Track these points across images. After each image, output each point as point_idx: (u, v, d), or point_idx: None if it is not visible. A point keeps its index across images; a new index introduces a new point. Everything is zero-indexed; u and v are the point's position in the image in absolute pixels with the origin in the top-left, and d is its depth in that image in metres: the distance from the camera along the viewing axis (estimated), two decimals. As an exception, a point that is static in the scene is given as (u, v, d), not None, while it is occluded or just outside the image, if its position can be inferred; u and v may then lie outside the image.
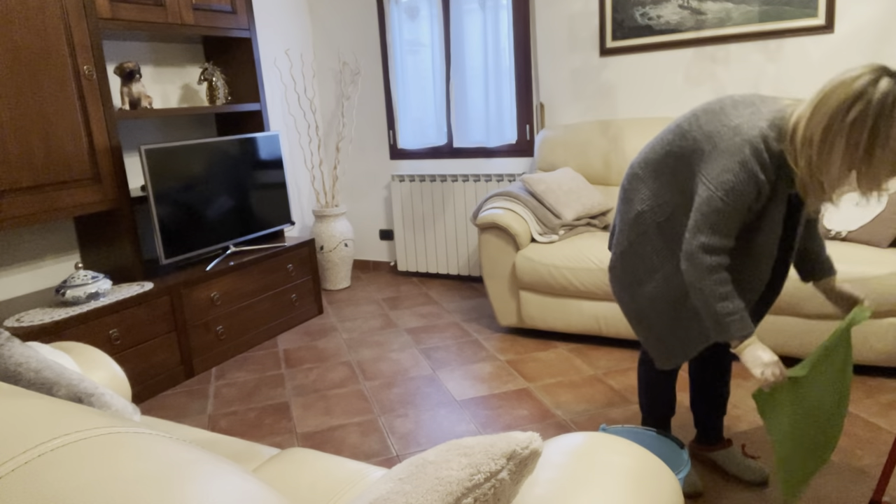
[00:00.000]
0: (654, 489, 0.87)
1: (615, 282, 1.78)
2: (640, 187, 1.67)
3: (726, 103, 1.51)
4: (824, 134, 1.32)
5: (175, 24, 3.06)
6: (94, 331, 2.56)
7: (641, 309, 1.73)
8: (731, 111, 1.48)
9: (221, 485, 0.51)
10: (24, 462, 0.46)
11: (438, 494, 0.63)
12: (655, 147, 1.64)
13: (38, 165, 2.52)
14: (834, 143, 1.32)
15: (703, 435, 1.99)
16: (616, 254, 1.75)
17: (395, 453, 2.20)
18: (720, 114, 1.49)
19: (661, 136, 1.63)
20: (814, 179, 1.39)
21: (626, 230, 1.71)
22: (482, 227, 3.09)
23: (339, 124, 4.54)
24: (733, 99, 1.52)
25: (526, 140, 3.86)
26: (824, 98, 1.33)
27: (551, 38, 3.66)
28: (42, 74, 2.52)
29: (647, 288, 1.69)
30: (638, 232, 1.68)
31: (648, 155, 1.66)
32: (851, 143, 1.30)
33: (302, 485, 1.19)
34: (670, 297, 1.66)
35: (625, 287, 1.75)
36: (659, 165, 1.62)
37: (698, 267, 1.49)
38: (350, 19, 4.31)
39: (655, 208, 1.64)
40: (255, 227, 3.45)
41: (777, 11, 3.05)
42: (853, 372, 2.50)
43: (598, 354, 2.88)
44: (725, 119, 1.47)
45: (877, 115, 1.27)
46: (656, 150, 1.63)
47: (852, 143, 1.30)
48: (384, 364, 2.97)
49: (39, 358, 1.16)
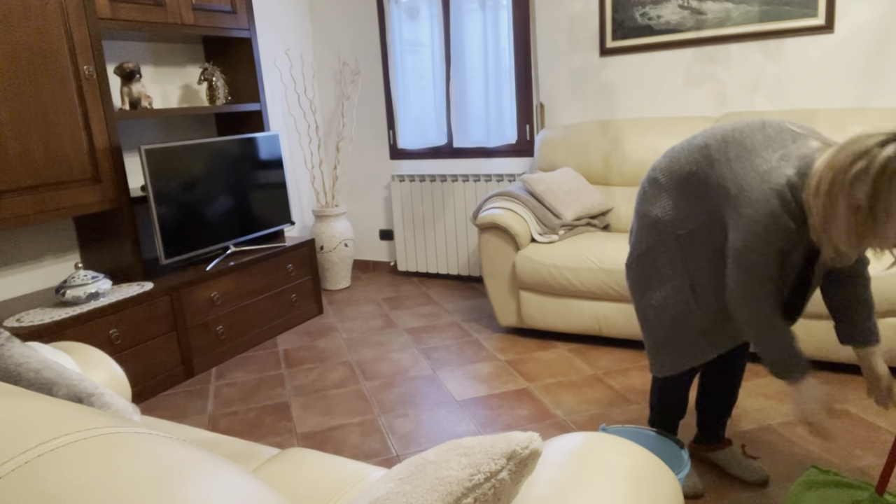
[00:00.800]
0: (654, 489, 0.87)
1: (629, 280, 1.79)
2: (661, 195, 1.65)
3: (757, 140, 1.47)
4: (829, 188, 1.30)
5: (175, 24, 3.06)
6: (94, 331, 2.56)
7: (646, 313, 1.74)
8: (762, 152, 1.44)
9: (221, 485, 0.51)
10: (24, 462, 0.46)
11: (438, 494, 0.63)
12: (681, 160, 1.61)
13: (38, 165, 2.52)
14: (837, 200, 1.29)
15: (703, 435, 1.99)
16: (633, 254, 1.76)
17: (395, 453, 2.20)
18: (751, 153, 1.45)
19: (688, 151, 1.60)
20: (824, 234, 1.35)
21: (644, 233, 1.71)
22: (482, 227, 3.09)
23: (339, 124, 4.54)
24: (766, 133, 1.47)
25: (526, 140, 3.86)
26: (837, 151, 1.30)
27: (551, 38, 3.65)
28: (42, 74, 2.52)
29: (655, 296, 1.70)
30: (656, 238, 1.67)
31: (673, 165, 1.63)
32: (853, 203, 1.27)
33: (302, 485, 1.19)
34: (674, 311, 1.66)
35: (635, 289, 1.76)
36: (683, 182, 1.59)
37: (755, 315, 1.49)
38: (350, 19, 4.31)
39: (676, 221, 1.62)
40: (255, 227, 3.45)
41: (777, 11, 3.05)
42: (854, 372, 2.50)
43: (598, 354, 2.88)
44: (755, 162, 1.43)
45: (876, 178, 1.23)
46: (681, 164, 1.60)
47: (853, 202, 1.26)
48: (384, 364, 2.97)
49: (39, 358, 1.16)
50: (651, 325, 1.73)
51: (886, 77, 2.92)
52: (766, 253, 1.42)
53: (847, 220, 1.29)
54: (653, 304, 1.70)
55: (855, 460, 1.95)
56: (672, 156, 1.65)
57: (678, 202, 1.61)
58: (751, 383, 2.48)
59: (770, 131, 1.47)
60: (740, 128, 1.52)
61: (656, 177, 1.67)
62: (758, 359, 2.69)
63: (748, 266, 1.45)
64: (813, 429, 1.49)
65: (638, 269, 1.73)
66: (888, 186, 1.23)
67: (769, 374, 2.53)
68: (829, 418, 1.52)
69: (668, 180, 1.63)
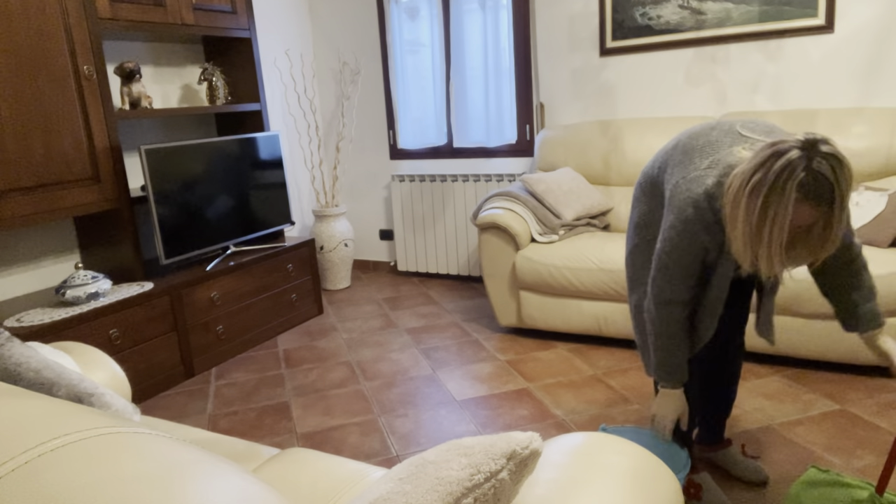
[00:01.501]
0: (654, 489, 0.87)
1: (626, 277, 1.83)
2: (641, 198, 1.68)
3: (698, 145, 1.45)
4: (733, 199, 1.26)
5: (175, 24, 3.06)
6: (94, 331, 2.56)
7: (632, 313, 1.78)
8: (695, 158, 1.43)
9: (221, 485, 0.51)
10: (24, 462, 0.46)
11: (438, 494, 0.63)
12: (654, 165, 1.63)
13: (38, 165, 2.52)
14: (738, 211, 1.25)
15: (704, 435, 1.99)
16: (626, 252, 1.80)
17: (395, 453, 2.20)
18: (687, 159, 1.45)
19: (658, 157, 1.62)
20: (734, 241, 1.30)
21: (630, 236, 1.74)
22: (482, 227, 3.09)
23: (339, 124, 4.54)
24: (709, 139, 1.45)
25: (526, 140, 3.86)
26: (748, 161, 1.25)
27: (551, 38, 3.65)
28: (42, 74, 2.52)
29: (634, 297, 1.74)
30: (635, 242, 1.71)
31: (649, 170, 1.65)
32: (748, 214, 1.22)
33: (302, 485, 1.19)
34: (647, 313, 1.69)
35: (627, 284, 1.80)
36: (650, 186, 1.63)
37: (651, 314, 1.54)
38: (350, 19, 4.31)
39: (647, 225, 1.66)
40: (255, 227, 3.45)
41: (777, 11, 3.05)
42: (854, 372, 2.50)
43: (598, 354, 2.88)
44: (687, 168, 1.43)
45: (769, 187, 1.18)
46: (653, 169, 1.63)
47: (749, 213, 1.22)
48: (384, 364, 2.97)
49: (39, 358, 1.16)
50: (636, 325, 1.77)
51: (886, 77, 2.92)
52: (678, 258, 1.43)
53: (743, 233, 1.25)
54: (633, 304, 1.74)
55: (855, 460, 1.95)
56: (651, 160, 1.68)
57: (651, 206, 1.64)
58: (750, 383, 2.49)
59: (714, 135, 1.45)
60: (695, 131, 1.50)
61: (640, 182, 1.71)
62: (757, 359, 2.69)
63: (661, 267, 1.48)
64: (657, 429, 1.61)
65: (627, 269, 1.78)
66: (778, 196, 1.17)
67: (769, 375, 2.53)
68: (668, 432, 1.59)
69: (645, 184, 1.66)
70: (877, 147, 2.77)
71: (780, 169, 1.17)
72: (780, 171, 1.17)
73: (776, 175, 1.18)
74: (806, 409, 2.27)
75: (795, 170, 1.17)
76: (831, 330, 2.42)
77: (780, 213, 1.18)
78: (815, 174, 1.16)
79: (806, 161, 1.17)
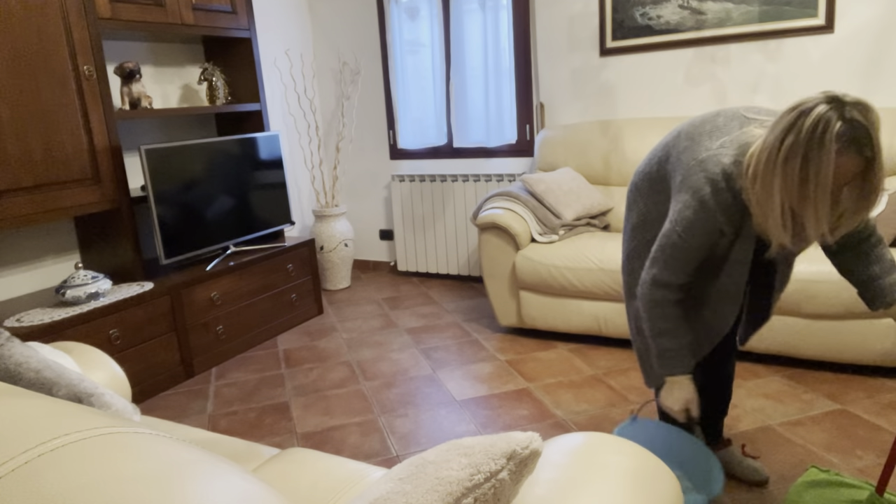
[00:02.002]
0: (654, 489, 0.87)
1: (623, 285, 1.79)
2: (638, 199, 1.65)
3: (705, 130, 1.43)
4: (764, 170, 1.23)
5: (175, 24, 3.06)
6: (94, 331, 2.56)
7: (631, 319, 1.74)
8: (705, 141, 1.40)
9: (221, 485, 0.51)
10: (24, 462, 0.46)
11: (438, 494, 0.63)
12: (651, 161, 1.60)
13: (38, 165, 2.52)
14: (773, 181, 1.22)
15: (703, 436, 1.98)
16: (622, 259, 1.76)
17: (395, 453, 2.20)
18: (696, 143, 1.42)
19: (656, 151, 1.59)
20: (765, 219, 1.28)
21: (627, 239, 1.71)
22: (482, 227, 3.09)
23: (339, 124, 4.54)
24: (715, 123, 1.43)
25: (526, 140, 3.86)
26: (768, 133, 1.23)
27: (551, 38, 3.65)
28: (42, 74, 2.52)
29: (635, 302, 1.69)
30: (633, 244, 1.67)
31: (645, 168, 1.62)
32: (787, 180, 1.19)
33: (302, 485, 1.19)
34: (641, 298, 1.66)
35: (625, 295, 1.76)
36: (652, 183, 1.58)
37: (645, 298, 1.49)
38: (350, 19, 4.31)
39: (647, 224, 1.62)
40: (255, 227, 3.45)
41: (777, 11, 3.05)
42: (854, 372, 2.50)
43: (598, 354, 2.88)
44: (696, 150, 1.40)
45: (807, 145, 1.15)
46: (651, 165, 1.59)
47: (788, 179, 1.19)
48: (384, 364, 2.97)
49: (39, 358, 1.16)
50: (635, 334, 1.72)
51: (886, 77, 2.92)
52: (690, 238, 1.39)
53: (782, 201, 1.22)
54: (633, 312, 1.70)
55: (855, 460, 1.95)
56: (647, 157, 1.64)
57: (648, 205, 1.60)
58: (750, 383, 2.49)
59: (720, 120, 1.42)
60: (696, 120, 1.49)
61: (635, 181, 1.66)
62: (758, 359, 2.69)
63: (667, 246, 1.43)
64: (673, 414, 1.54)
65: (624, 275, 1.73)
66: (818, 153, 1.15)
67: (769, 375, 2.53)
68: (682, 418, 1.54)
69: (643, 182, 1.62)
70: (877, 147, 2.77)
71: (813, 125, 1.15)
72: (815, 127, 1.15)
73: (811, 131, 1.15)
74: (806, 409, 2.27)
75: (830, 121, 1.14)
76: (831, 330, 2.42)
77: (824, 167, 1.15)
78: (850, 122, 1.15)
79: (838, 112, 1.15)
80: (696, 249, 1.41)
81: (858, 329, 2.37)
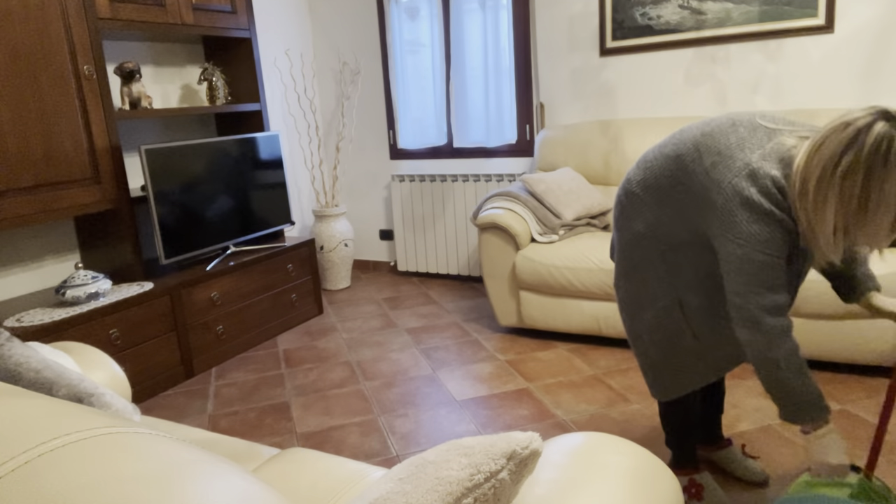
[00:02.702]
0: (654, 489, 0.87)
1: (619, 300, 1.71)
2: (641, 209, 1.57)
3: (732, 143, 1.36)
4: (817, 186, 1.21)
5: (175, 24, 3.06)
6: (94, 331, 2.56)
7: (639, 334, 1.67)
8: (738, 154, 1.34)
9: (221, 485, 0.51)
10: (24, 462, 0.46)
11: (438, 494, 0.63)
12: (656, 172, 1.52)
13: (37, 165, 2.52)
14: (827, 197, 1.20)
15: (703, 435, 1.98)
16: (619, 272, 1.68)
17: (395, 453, 2.20)
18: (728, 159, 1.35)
19: (662, 162, 1.51)
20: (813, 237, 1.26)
21: (628, 249, 1.63)
22: (482, 227, 3.09)
23: (339, 124, 4.54)
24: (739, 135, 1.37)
25: (526, 140, 3.86)
26: (817, 145, 1.21)
27: (551, 38, 3.65)
28: (42, 74, 2.52)
29: (648, 315, 1.62)
30: (641, 255, 1.59)
31: (648, 178, 1.54)
32: (845, 197, 1.18)
33: (302, 485, 1.19)
34: (669, 330, 1.59)
35: (626, 308, 1.69)
36: (662, 194, 1.51)
37: (769, 333, 1.32)
38: (350, 19, 4.31)
39: (660, 236, 1.54)
40: (255, 227, 3.45)
41: (777, 11, 3.05)
42: (854, 372, 2.50)
43: (598, 354, 2.88)
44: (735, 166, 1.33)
45: (869, 163, 1.14)
46: (657, 177, 1.52)
47: (845, 196, 1.18)
48: (384, 364, 2.97)
49: (39, 358, 1.16)
50: (646, 348, 1.66)
51: (886, 77, 2.92)
52: (772, 253, 1.30)
53: (836, 218, 1.20)
54: (645, 325, 1.63)
55: (855, 460, 1.95)
56: (646, 167, 1.56)
57: (660, 217, 1.52)
58: (750, 383, 2.48)
59: (742, 132, 1.38)
60: (710, 132, 1.42)
61: (633, 190, 1.59)
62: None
63: (755, 270, 1.31)
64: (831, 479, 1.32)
65: (626, 288, 1.66)
66: (882, 171, 1.14)
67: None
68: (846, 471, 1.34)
69: (646, 193, 1.55)
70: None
71: (876, 142, 1.14)
72: (877, 144, 1.14)
73: (873, 149, 1.14)
74: (806, 409, 2.27)
75: (893, 139, 1.14)
76: (831, 330, 2.42)
77: (889, 184, 1.14)
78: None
79: None
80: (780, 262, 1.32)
81: (858, 329, 2.37)
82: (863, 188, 1.16)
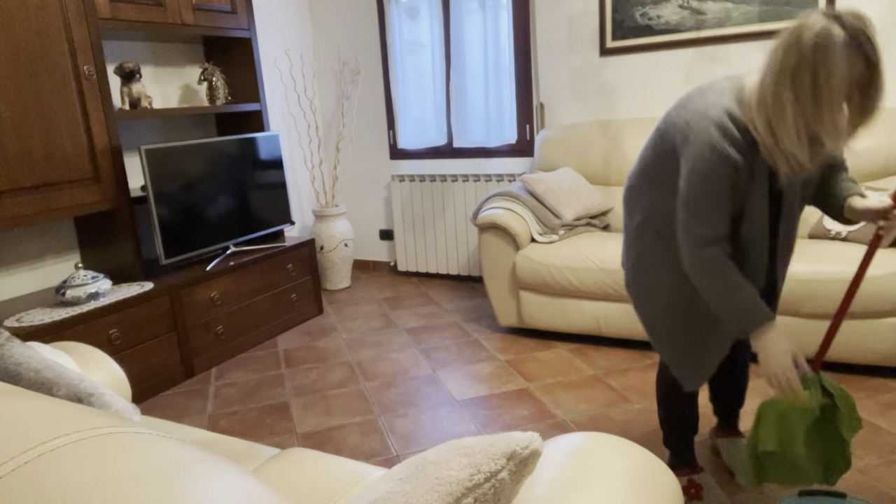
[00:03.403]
0: (654, 489, 0.87)
1: (633, 299, 1.72)
2: (639, 197, 1.62)
3: (693, 93, 1.47)
4: (774, 93, 1.27)
5: (175, 24, 3.06)
6: (94, 331, 2.56)
7: (655, 324, 1.66)
8: (696, 99, 1.43)
9: (221, 485, 0.51)
10: (24, 462, 0.46)
11: (438, 494, 0.63)
12: (644, 155, 1.60)
13: (38, 165, 2.52)
14: (783, 101, 1.26)
15: (720, 424, 2.01)
16: (627, 269, 1.70)
17: (395, 453, 2.20)
18: (687, 104, 1.45)
19: (647, 143, 1.59)
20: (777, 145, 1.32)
21: (633, 243, 1.66)
22: (482, 227, 3.09)
23: (339, 124, 4.54)
24: (701, 87, 1.47)
25: (526, 140, 3.86)
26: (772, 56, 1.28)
27: (551, 38, 3.66)
28: (42, 74, 2.52)
29: (657, 301, 1.63)
30: (644, 243, 1.62)
31: (639, 164, 1.61)
32: (800, 97, 1.23)
33: (302, 485, 1.19)
34: (680, 307, 1.60)
35: (638, 304, 1.69)
36: (652, 172, 1.56)
37: (696, 265, 1.43)
38: (350, 19, 4.31)
39: (653, 215, 1.58)
40: (255, 227, 3.45)
41: (777, 11, 3.05)
42: (854, 372, 2.50)
43: (598, 354, 2.88)
44: (691, 106, 1.43)
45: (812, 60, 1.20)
46: (645, 158, 1.59)
47: (800, 96, 1.23)
48: (384, 364, 2.97)
49: (39, 358, 1.16)
50: (664, 336, 1.65)
51: (886, 77, 2.92)
52: (711, 189, 1.37)
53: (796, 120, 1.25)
54: (658, 311, 1.63)
55: (855, 460, 1.95)
56: (638, 159, 1.64)
57: (653, 198, 1.58)
58: (751, 383, 2.49)
59: (705, 86, 1.47)
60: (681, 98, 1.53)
61: (631, 183, 1.65)
62: (757, 358, 2.69)
63: (692, 201, 1.40)
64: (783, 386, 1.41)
65: (635, 281, 1.67)
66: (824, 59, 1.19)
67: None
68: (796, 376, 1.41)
69: (641, 179, 1.61)
70: (877, 147, 2.77)
71: (817, 36, 1.19)
72: (819, 39, 1.19)
73: (815, 43, 1.19)
74: (806, 409, 2.27)
75: (831, 31, 1.19)
76: (831, 330, 2.42)
77: (835, 73, 1.19)
78: (852, 30, 1.19)
79: (837, 22, 1.20)
80: (720, 195, 1.38)
81: (858, 329, 2.37)
82: (812, 85, 1.21)
